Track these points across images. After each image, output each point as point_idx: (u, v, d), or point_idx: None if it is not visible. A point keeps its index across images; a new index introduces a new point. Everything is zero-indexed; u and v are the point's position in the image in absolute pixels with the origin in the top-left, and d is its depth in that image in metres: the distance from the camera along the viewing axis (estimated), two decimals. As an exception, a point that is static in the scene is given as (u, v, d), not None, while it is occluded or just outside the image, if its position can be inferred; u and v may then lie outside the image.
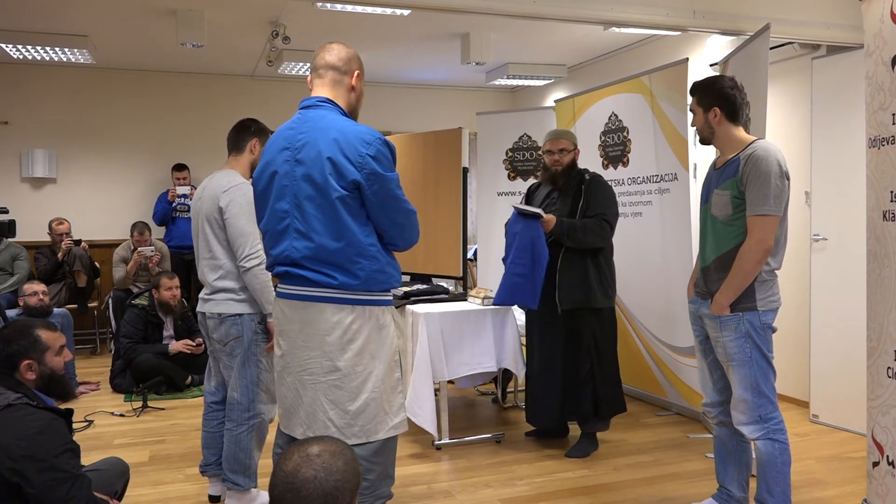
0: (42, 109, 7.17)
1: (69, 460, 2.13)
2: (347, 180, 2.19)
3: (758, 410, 2.78)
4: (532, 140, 5.86)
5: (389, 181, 2.24)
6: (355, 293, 2.25)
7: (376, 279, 2.28)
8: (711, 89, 2.83)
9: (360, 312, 2.27)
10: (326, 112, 2.30)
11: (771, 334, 2.80)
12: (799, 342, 4.76)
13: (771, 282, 2.79)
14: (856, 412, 4.04)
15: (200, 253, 3.17)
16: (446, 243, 4.70)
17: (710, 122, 2.83)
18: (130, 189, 7.47)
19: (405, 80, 8.01)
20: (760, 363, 2.77)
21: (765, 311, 2.76)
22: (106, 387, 5.43)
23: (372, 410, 2.27)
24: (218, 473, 3.28)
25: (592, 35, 5.93)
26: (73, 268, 6.34)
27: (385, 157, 2.24)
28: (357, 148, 2.20)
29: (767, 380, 2.79)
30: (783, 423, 2.81)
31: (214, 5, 5.17)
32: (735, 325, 2.77)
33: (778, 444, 2.79)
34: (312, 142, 2.24)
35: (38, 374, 2.33)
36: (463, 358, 4.03)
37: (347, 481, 1.47)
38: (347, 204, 2.21)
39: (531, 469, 3.73)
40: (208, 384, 3.31)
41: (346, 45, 2.41)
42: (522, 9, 3.74)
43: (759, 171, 2.66)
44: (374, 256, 2.27)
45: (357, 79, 2.40)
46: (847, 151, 4.22)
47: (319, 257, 2.24)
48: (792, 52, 4.75)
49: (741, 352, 2.77)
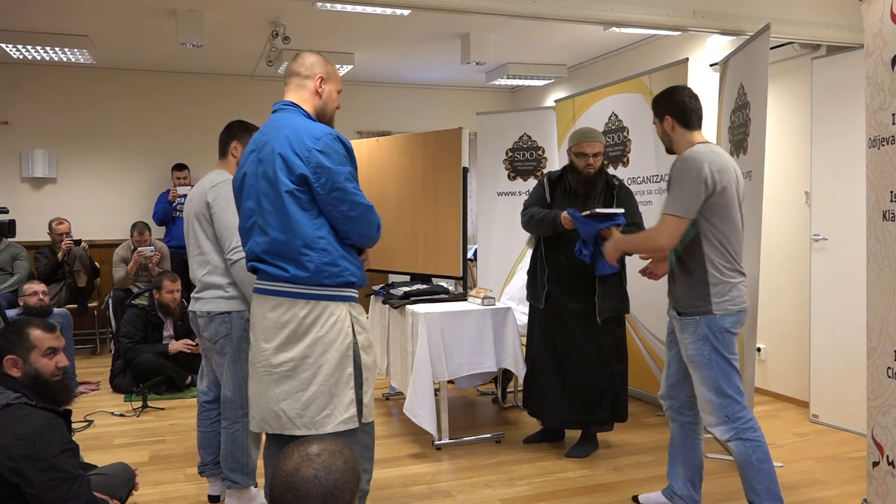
0: (42, 109, 7.17)
1: (68, 460, 2.13)
2: (295, 174, 2.29)
3: (724, 411, 2.81)
4: (532, 140, 5.86)
5: (337, 174, 2.30)
6: (309, 287, 2.34)
7: (327, 272, 2.34)
8: (664, 100, 2.96)
9: (314, 306, 2.34)
10: (287, 114, 2.42)
11: (731, 337, 2.81)
12: (799, 342, 4.76)
13: (726, 286, 2.80)
14: (856, 412, 4.04)
15: (190, 250, 3.21)
16: (446, 243, 4.69)
17: (667, 130, 2.94)
18: (130, 189, 7.47)
19: (405, 79, 8.01)
20: (720, 365, 2.80)
21: (721, 315, 2.78)
22: (106, 387, 5.43)
23: (320, 403, 2.34)
24: (216, 473, 3.29)
25: (592, 35, 5.93)
26: (73, 268, 6.34)
27: (334, 151, 2.32)
28: (305, 143, 2.30)
29: (730, 380, 2.80)
30: (753, 422, 2.82)
31: (214, 5, 5.17)
32: (693, 328, 2.82)
33: (749, 442, 2.79)
34: (270, 141, 2.36)
35: (22, 372, 2.31)
36: (463, 358, 4.03)
37: (347, 480, 1.47)
38: (297, 197, 2.30)
39: (531, 469, 3.73)
40: (201, 384, 3.33)
41: (314, 53, 2.52)
42: (522, 9, 3.74)
43: (678, 174, 2.77)
44: (323, 249, 2.33)
45: (321, 82, 2.47)
46: (847, 151, 4.22)
47: (273, 250, 2.35)
48: (792, 52, 4.74)
49: (699, 354, 2.82)
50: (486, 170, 6.02)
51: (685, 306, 2.86)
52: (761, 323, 3.99)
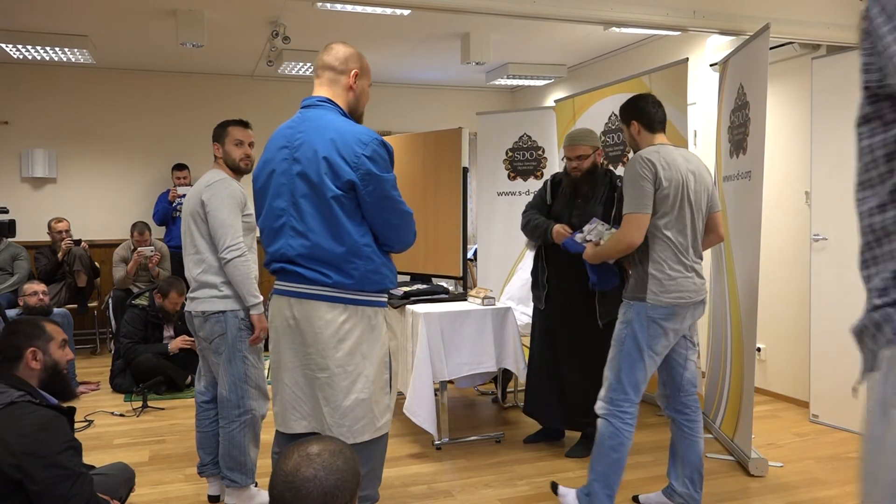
0: (42, 109, 7.17)
1: (71, 458, 2.13)
2: (343, 180, 2.21)
3: (610, 393, 2.93)
4: (532, 140, 5.86)
5: (385, 182, 2.24)
6: (349, 292, 2.27)
7: (371, 279, 2.29)
8: (630, 107, 3.08)
9: (353, 312, 2.28)
10: (325, 112, 2.32)
11: (657, 329, 2.86)
12: (799, 342, 4.76)
13: (666, 278, 2.87)
14: (856, 412, 4.04)
15: (186, 249, 3.21)
16: (446, 243, 4.70)
17: (633, 134, 3.07)
18: (130, 189, 7.47)
19: (405, 79, 8.01)
20: (632, 353, 2.88)
21: (653, 306, 2.85)
22: (106, 387, 5.43)
23: (360, 411, 2.29)
24: (215, 473, 3.29)
25: (592, 35, 5.93)
26: (73, 268, 6.33)
27: (381, 157, 2.25)
28: (353, 148, 2.21)
29: (632, 371, 2.88)
30: (629, 417, 2.90)
31: (214, 5, 5.17)
32: (625, 310, 2.96)
33: (611, 427, 2.90)
34: (309, 141, 2.25)
35: (42, 365, 2.33)
36: (463, 358, 4.03)
37: (347, 480, 1.47)
38: (342, 204, 2.23)
39: (531, 469, 3.73)
40: (198, 384, 3.33)
41: (347, 45, 2.41)
42: (522, 9, 3.74)
43: (627, 174, 2.92)
44: (368, 257, 2.28)
45: (355, 78, 2.39)
46: (847, 151, 4.22)
47: (315, 255, 2.26)
48: (792, 51, 4.74)
49: (619, 334, 2.94)
50: (486, 170, 6.02)
51: (627, 290, 3.00)
52: (761, 323, 3.99)
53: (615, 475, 2.91)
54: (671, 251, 2.88)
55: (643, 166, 2.85)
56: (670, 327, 2.88)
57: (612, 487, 2.92)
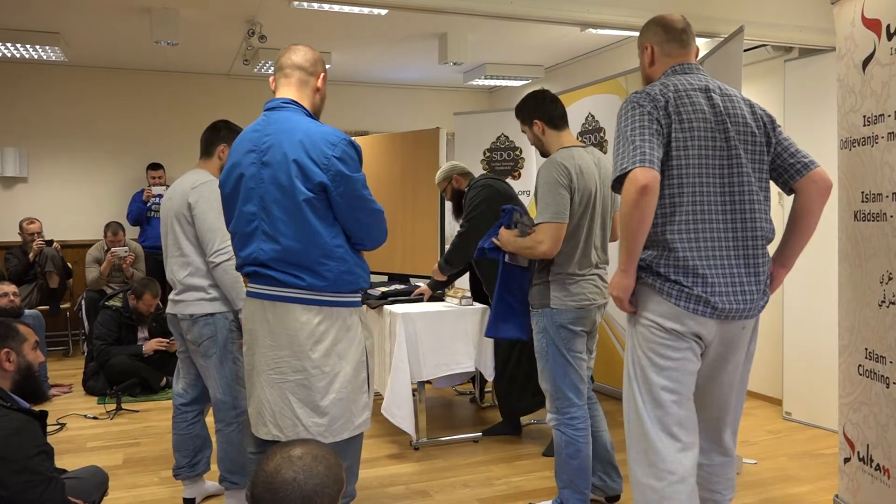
0: (12, 108, 7.05)
1: (42, 462, 2.10)
2: (313, 182, 2.20)
3: (555, 402, 2.95)
4: (510, 140, 5.87)
5: (355, 182, 2.25)
6: (323, 294, 2.27)
7: (344, 280, 2.29)
8: (528, 105, 3.03)
9: (328, 313, 2.28)
10: (290, 114, 2.31)
11: (569, 333, 2.88)
12: (772, 341, 4.82)
13: (565, 284, 2.88)
14: (828, 409, 4.10)
15: (169, 251, 3.14)
16: (424, 243, 4.70)
17: (537, 134, 3.01)
18: (103, 188, 7.36)
19: (382, 79, 7.99)
20: (557, 359, 2.90)
21: (558, 311, 2.87)
22: (79, 389, 5.35)
23: (338, 410, 2.30)
24: (191, 476, 3.26)
25: (569, 36, 5.96)
26: (44, 268, 6.24)
27: (351, 157, 2.25)
28: (322, 150, 2.21)
29: (565, 375, 2.91)
30: (577, 420, 2.93)
31: (189, 3, 5.11)
32: (536, 320, 2.97)
33: (565, 437, 2.93)
34: (277, 144, 2.24)
35: (16, 366, 2.30)
36: (441, 358, 4.03)
37: (327, 486, 1.46)
38: (314, 206, 2.22)
39: (509, 469, 3.74)
40: (177, 386, 3.28)
41: (311, 48, 2.44)
42: (499, 9, 3.75)
43: (542, 180, 2.84)
44: (341, 258, 2.28)
45: (322, 81, 2.42)
46: (819, 152, 4.23)
47: (286, 259, 2.26)
48: (765, 54, 4.81)
49: (540, 346, 2.95)
50: (464, 170, 6.02)
51: (532, 298, 2.98)
52: (736, 322, 4.03)
53: (582, 479, 2.94)
54: (573, 254, 2.87)
55: (560, 172, 2.80)
56: (580, 329, 2.91)
57: (584, 491, 2.94)
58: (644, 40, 2.47)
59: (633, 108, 2.20)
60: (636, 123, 2.16)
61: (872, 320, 2.77)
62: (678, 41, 2.42)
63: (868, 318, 2.79)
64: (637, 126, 2.15)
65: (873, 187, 2.76)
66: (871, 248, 2.78)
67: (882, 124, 2.71)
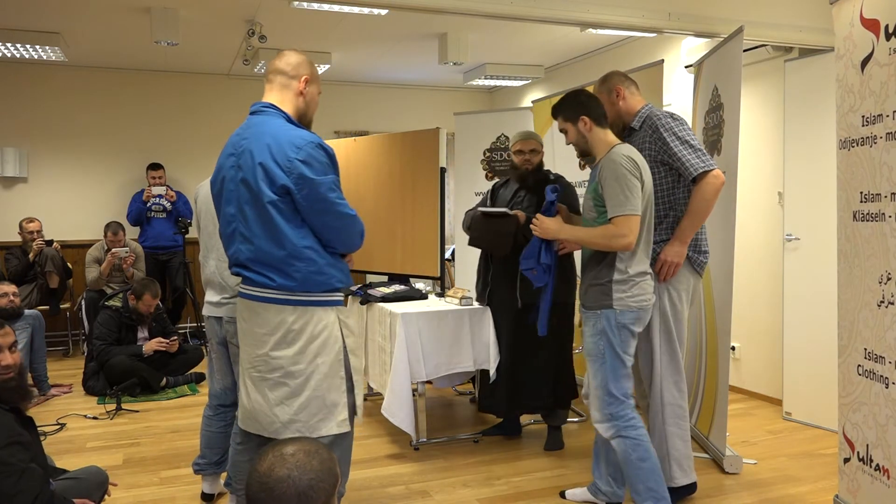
0: (13, 108, 7.05)
1: (15, 453, 2.08)
2: (277, 185, 2.26)
3: (608, 409, 2.86)
4: (510, 140, 5.87)
5: (320, 185, 2.28)
6: (296, 294, 2.32)
7: (314, 280, 2.33)
8: (574, 103, 2.98)
9: (302, 312, 2.33)
10: (267, 117, 2.37)
11: (628, 335, 2.83)
12: (772, 341, 4.82)
13: (629, 283, 2.82)
14: (828, 409, 4.10)
15: (214, 254, 3.06)
16: (424, 243, 4.69)
17: (583, 131, 2.94)
18: (104, 188, 7.36)
19: (382, 79, 8.00)
20: (612, 363, 2.83)
21: (622, 311, 2.81)
22: (79, 389, 5.35)
23: (314, 408, 2.34)
24: (216, 472, 3.28)
25: (569, 36, 5.96)
26: (44, 268, 6.24)
27: (317, 160, 2.28)
28: (286, 153, 2.26)
29: (618, 380, 2.84)
30: (635, 420, 2.85)
31: (189, 3, 5.11)
32: (593, 321, 2.87)
33: (629, 440, 2.83)
34: (249, 147, 2.31)
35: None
36: (441, 358, 4.03)
37: (322, 480, 1.47)
38: (279, 208, 2.28)
39: (509, 468, 3.74)
40: (215, 386, 3.23)
41: (298, 52, 2.49)
42: (499, 9, 3.75)
43: (614, 174, 2.77)
44: (310, 259, 2.32)
45: (306, 83, 2.45)
46: (819, 152, 4.29)
47: (259, 259, 2.33)
48: (765, 54, 4.81)
49: (595, 348, 2.87)
50: (464, 170, 6.03)
51: (588, 300, 2.91)
52: (735, 322, 4.03)
53: (658, 481, 2.83)
54: (638, 254, 2.84)
55: (631, 165, 2.77)
56: (637, 330, 2.88)
57: (664, 495, 2.84)
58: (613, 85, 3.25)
59: (680, 122, 3.07)
60: (691, 133, 3.05)
61: (871, 320, 2.77)
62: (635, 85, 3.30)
63: (867, 318, 2.79)
64: (692, 135, 3.04)
65: (872, 187, 2.76)
66: (869, 249, 2.78)
67: (881, 124, 2.71)
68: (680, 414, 3.18)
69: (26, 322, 5.10)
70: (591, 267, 2.93)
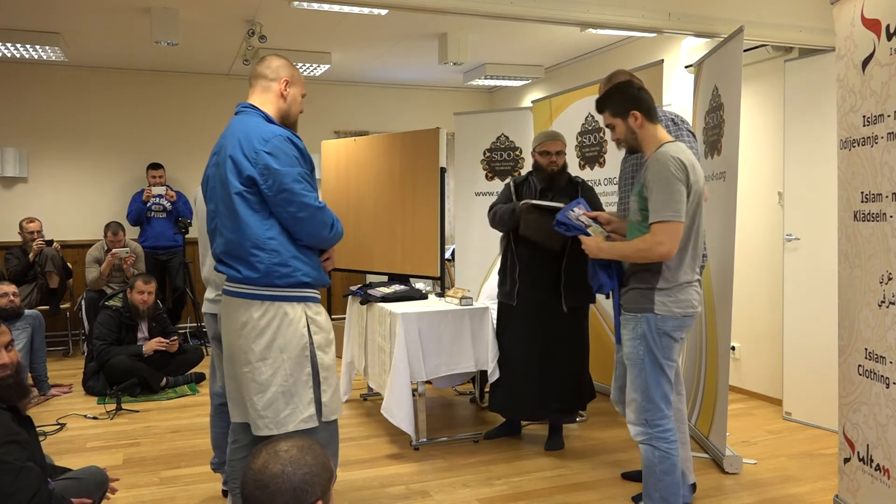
0: (12, 108, 7.05)
1: (13, 451, 2.08)
2: (244, 176, 2.34)
3: (644, 414, 2.75)
4: (510, 140, 5.87)
5: (284, 175, 2.34)
6: (262, 288, 2.38)
7: (277, 272, 2.38)
8: (624, 96, 2.77)
9: (269, 307, 2.39)
10: (245, 116, 2.48)
11: (670, 342, 2.71)
12: (772, 341, 4.82)
13: (673, 290, 2.68)
14: (828, 409, 4.10)
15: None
16: (424, 243, 4.70)
17: (633, 126, 2.74)
18: (103, 188, 7.36)
19: (382, 79, 8.00)
20: (652, 368, 2.71)
21: (663, 317, 2.67)
22: (79, 389, 5.35)
23: (280, 404, 2.39)
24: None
25: (569, 36, 5.96)
26: (44, 268, 6.24)
27: (284, 152, 2.35)
28: (254, 145, 2.35)
29: (658, 386, 2.72)
30: (670, 433, 2.74)
31: (189, 3, 5.11)
32: (633, 325, 2.74)
33: (658, 451, 2.73)
34: (225, 145, 2.42)
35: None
36: (441, 358, 4.03)
37: (317, 475, 1.48)
38: (245, 199, 2.36)
39: (509, 468, 3.74)
40: (215, 384, 3.26)
41: (280, 57, 2.58)
42: (499, 9, 3.75)
43: (659, 175, 2.59)
44: (273, 249, 2.38)
45: (286, 86, 2.53)
46: (819, 152, 4.28)
47: (228, 251, 2.42)
48: (765, 54, 4.81)
49: (635, 353, 2.74)
50: (464, 170, 6.03)
51: (628, 302, 2.77)
52: (735, 322, 4.04)
53: (675, 496, 2.74)
54: (684, 258, 2.68)
55: (677, 167, 2.58)
56: (680, 337, 2.75)
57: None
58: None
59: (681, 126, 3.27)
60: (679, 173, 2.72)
61: (872, 320, 2.77)
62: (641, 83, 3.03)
63: (868, 318, 2.79)
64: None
65: (873, 187, 2.76)
66: (870, 249, 2.78)
67: (882, 124, 2.71)
68: (679, 417, 3.16)
69: (26, 322, 5.10)
70: (636, 271, 2.75)
